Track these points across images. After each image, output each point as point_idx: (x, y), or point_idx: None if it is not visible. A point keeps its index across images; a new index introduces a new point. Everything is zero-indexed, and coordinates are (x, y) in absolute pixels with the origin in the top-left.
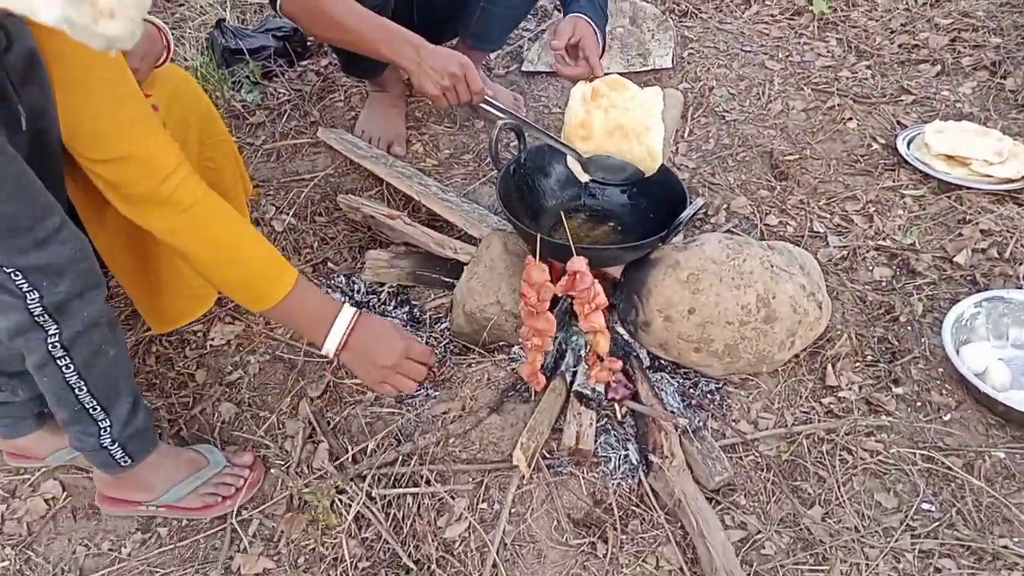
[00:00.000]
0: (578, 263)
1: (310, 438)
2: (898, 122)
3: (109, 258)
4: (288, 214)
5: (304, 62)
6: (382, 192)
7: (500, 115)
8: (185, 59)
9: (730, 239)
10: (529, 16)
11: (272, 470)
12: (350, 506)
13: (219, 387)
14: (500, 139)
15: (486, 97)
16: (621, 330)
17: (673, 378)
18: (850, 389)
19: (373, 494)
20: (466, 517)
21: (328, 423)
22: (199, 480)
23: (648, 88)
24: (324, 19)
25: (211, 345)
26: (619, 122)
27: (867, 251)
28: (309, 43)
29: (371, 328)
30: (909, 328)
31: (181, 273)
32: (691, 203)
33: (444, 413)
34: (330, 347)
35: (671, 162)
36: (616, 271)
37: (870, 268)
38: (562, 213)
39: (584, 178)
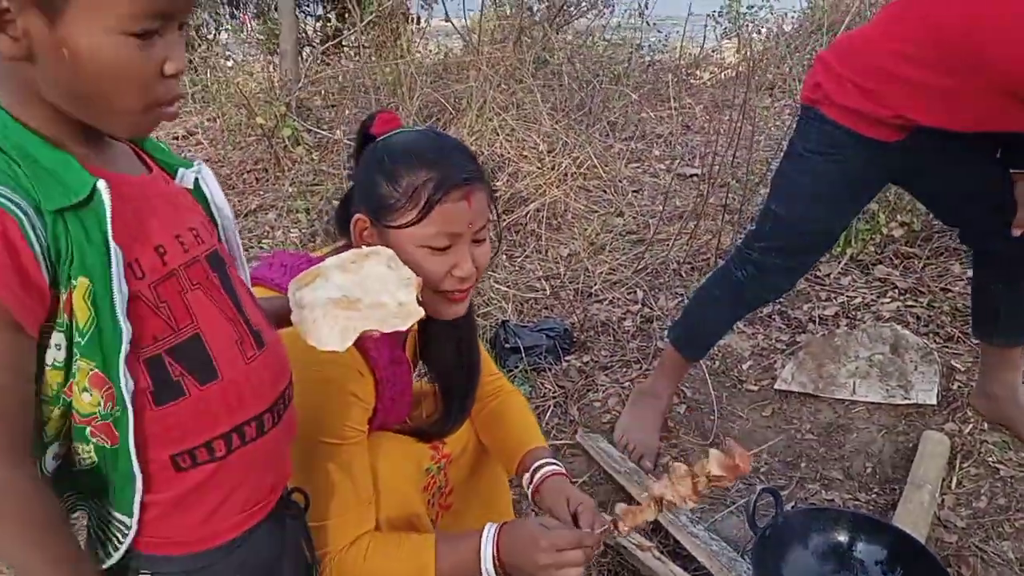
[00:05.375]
0: None
1: None
2: None
3: None
4: None
5: (569, 357)
6: None
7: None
8: None
9: None
10: (783, 327)
11: None
12: None
13: None
14: (759, 501)
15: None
16: None
17: None
18: None
19: None
20: None
21: None
22: None
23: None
24: None
25: None
26: None
27: None
28: (575, 338)
29: (512, 541)
30: None
31: None
32: None
33: None
34: None
35: (936, 518)
36: None
37: None
38: None
39: None
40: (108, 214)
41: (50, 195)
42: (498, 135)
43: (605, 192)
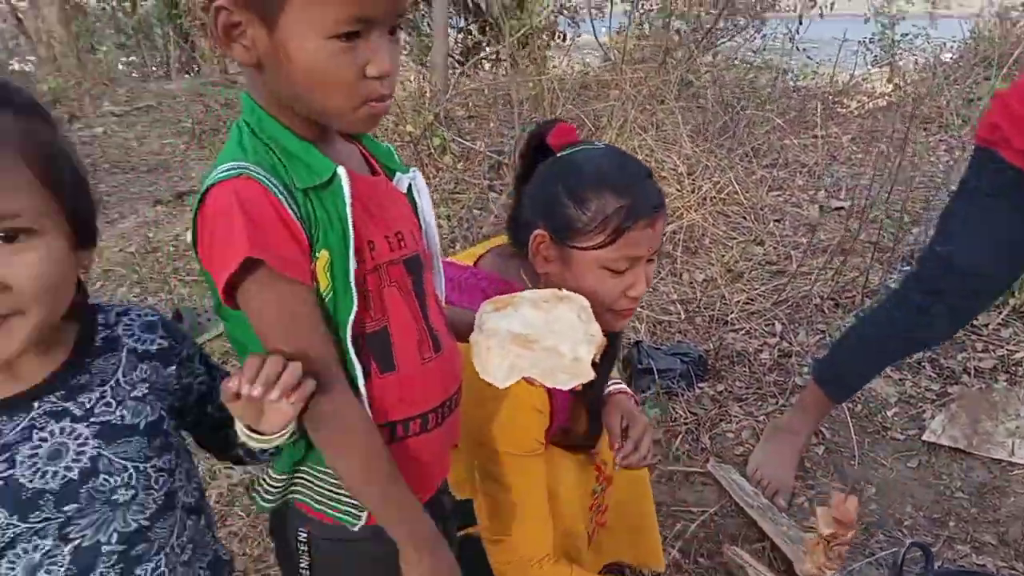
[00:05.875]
0: None
1: None
2: None
3: None
4: (674, 548)
5: (702, 384)
6: (765, 547)
7: None
8: None
9: None
10: (933, 376)
11: None
12: None
13: None
14: (907, 554)
15: None
16: None
17: None
18: None
19: None
20: None
21: None
22: None
23: None
24: None
25: None
26: None
27: None
28: (709, 366)
29: None
30: None
31: None
32: None
33: None
34: None
35: None
36: None
37: None
38: None
39: None
40: (348, 196)
41: (300, 176)
42: (637, 154)
43: (745, 219)
